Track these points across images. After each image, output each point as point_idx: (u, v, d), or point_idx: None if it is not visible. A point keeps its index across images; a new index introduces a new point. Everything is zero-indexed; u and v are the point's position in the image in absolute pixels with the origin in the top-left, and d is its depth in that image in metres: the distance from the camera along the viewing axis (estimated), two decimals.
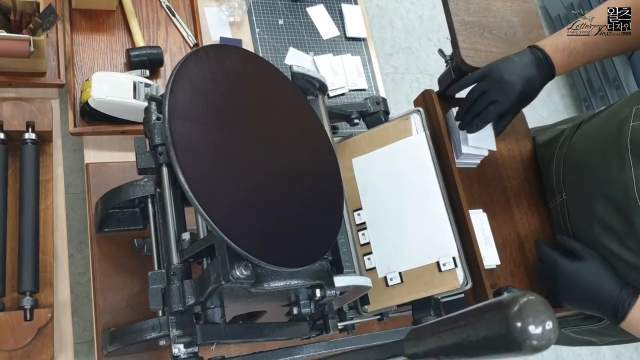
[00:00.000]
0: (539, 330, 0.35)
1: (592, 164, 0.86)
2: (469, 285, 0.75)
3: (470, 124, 0.86)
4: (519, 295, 0.37)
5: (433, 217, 0.79)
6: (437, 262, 0.77)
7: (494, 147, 0.91)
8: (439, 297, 0.78)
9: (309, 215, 0.66)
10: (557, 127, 1.02)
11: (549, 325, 0.35)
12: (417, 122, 0.84)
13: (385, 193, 0.82)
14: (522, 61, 0.85)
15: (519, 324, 0.36)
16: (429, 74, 2.38)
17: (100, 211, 0.80)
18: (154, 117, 0.70)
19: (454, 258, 0.76)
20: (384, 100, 0.92)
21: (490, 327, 0.37)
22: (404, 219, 0.80)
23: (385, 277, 0.79)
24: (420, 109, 0.85)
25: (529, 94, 0.85)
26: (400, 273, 0.79)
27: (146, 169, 0.70)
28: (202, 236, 0.70)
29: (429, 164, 0.81)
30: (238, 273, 0.56)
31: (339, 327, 0.76)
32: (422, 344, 0.44)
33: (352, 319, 0.77)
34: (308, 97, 0.81)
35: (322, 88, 0.83)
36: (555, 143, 0.95)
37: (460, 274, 0.75)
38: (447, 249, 0.77)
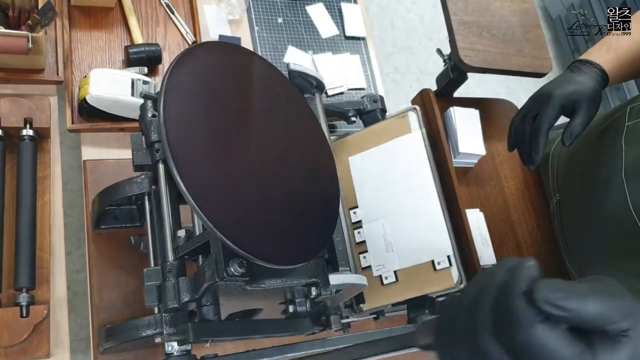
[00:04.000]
0: None
1: (584, 166, 0.86)
2: (464, 284, 0.75)
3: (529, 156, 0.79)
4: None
5: (428, 215, 0.79)
6: (432, 261, 0.76)
7: (483, 152, 0.91)
8: (434, 296, 0.78)
9: (304, 213, 0.66)
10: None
11: None
12: (413, 120, 0.84)
13: (381, 191, 0.82)
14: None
15: None
16: (430, 74, 2.38)
17: (97, 208, 0.80)
18: (149, 114, 0.70)
19: (448, 257, 0.76)
20: (382, 98, 0.91)
21: None
22: (400, 217, 0.80)
23: (380, 276, 0.79)
24: (417, 106, 0.85)
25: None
26: (395, 272, 0.79)
27: (142, 165, 0.70)
28: (197, 233, 0.70)
29: (425, 163, 0.81)
30: (233, 270, 0.56)
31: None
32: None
33: (347, 317, 0.77)
34: (305, 96, 0.81)
35: (320, 86, 0.83)
36: (551, 143, 0.95)
37: (455, 272, 0.75)
38: (442, 247, 0.76)
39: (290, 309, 0.68)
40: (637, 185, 0.75)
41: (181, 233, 0.67)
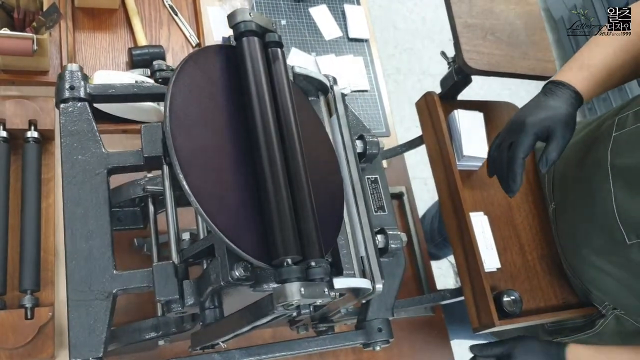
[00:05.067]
0: None
1: (575, 176, 0.86)
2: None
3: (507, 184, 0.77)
4: None
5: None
6: None
7: (487, 155, 0.90)
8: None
9: None
10: None
11: None
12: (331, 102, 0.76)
13: None
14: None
15: None
16: (431, 75, 2.39)
17: None
18: None
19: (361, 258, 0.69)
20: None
21: None
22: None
23: None
24: (332, 87, 0.78)
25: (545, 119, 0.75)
26: None
27: (152, 157, 0.68)
28: (201, 236, 0.70)
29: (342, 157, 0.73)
30: (237, 274, 0.56)
31: (321, 329, 0.77)
32: None
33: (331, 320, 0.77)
34: (310, 99, 0.81)
35: (324, 89, 0.83)
36: None
37: None
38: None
39: (294, 312, 0.68)
40: (622, 196, 0.75)
41: (185, 236, 0.67)
